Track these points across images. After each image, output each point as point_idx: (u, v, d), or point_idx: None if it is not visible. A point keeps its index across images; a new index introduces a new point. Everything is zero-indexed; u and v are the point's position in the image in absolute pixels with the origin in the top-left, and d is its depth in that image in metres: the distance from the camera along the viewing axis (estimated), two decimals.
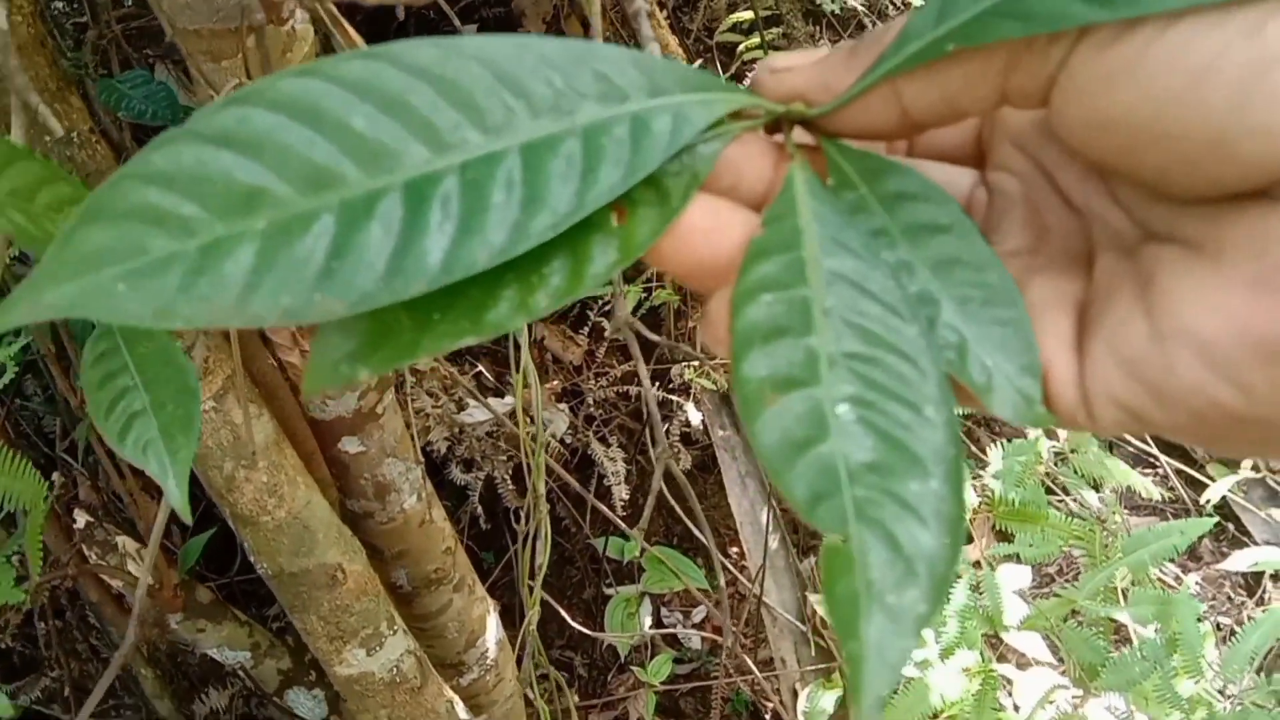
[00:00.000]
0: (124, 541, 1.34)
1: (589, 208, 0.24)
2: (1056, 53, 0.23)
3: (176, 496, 0.43)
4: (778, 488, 0.24)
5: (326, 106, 0.23)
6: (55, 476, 1.19)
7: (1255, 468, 1.75)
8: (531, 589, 1.04)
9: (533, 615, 1.04)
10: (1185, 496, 2.02)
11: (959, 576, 1.22)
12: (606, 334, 1.77)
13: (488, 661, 1.35)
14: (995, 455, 1.25)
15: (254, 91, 0.23)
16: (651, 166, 0.25)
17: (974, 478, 1.26)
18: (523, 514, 1.79)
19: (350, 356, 0.24)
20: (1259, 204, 0.21)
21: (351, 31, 0.80)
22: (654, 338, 0.60)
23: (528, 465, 1.05)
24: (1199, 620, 1.13)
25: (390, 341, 0.24)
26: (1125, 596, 1.23)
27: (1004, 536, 1.30)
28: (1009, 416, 0.25)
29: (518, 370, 1.69)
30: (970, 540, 1.34)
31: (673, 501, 1.70)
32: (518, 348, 1.90)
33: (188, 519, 0.44)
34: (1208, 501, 1.57)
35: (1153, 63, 0.21)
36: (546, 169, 0.24)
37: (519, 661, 1.18)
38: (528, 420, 1.11)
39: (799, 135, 0.28)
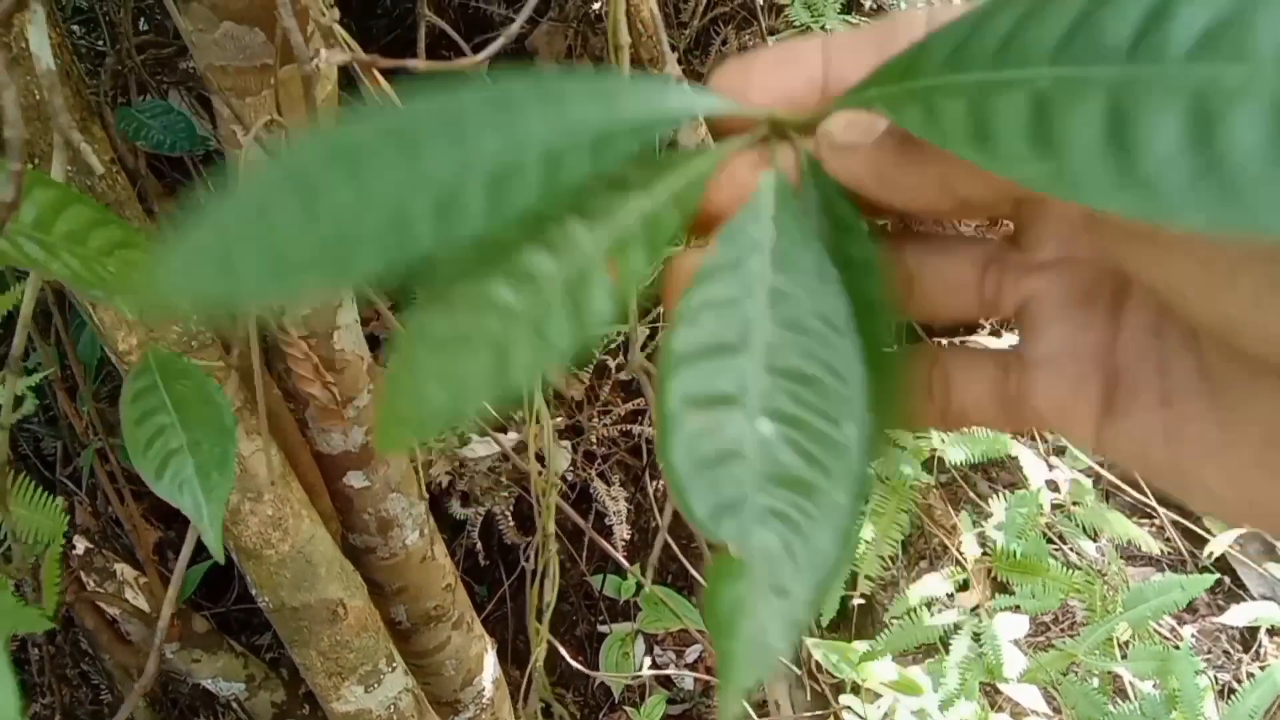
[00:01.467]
0: (122, 569, 1.34)
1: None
2: None
3: (211, 536, 0.43)
4: (677, 502, 0.24)
5: None
6: (58, 501, 1.19)
7: None
8: (539, 628, 1.03)
9: (539, 654, 1.03)
10: (1182, 548, 2.03)
11: (959, 626, 1.22)
12: (611, 372, 1.78)
13: (484, 700, 1.34)
14: (998, 506, 1.25)
15: None
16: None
17: (976, 528, 1.27)
18: (528, 551, 1.79)
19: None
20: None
21: (378, 74, 0.81)
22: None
23: (538, 503, 1.05)
24: (1197, 675, 1.13)
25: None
26: (1124, 649, 1.23)
27: (1002, 586, 1.31)
28: None
29: (526, 407, 1.70)
30: (966, 587, 1.34)
31: (668, 538, 1.70)
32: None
33: (220, 559, 0.44)
34: (1209, 555, 1.58)
35: None
36: None
37: (524, 699, 1.18)
38: (537, 459, 1.11)
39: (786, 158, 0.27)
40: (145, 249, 0.41)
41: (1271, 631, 1.86)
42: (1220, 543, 1.54)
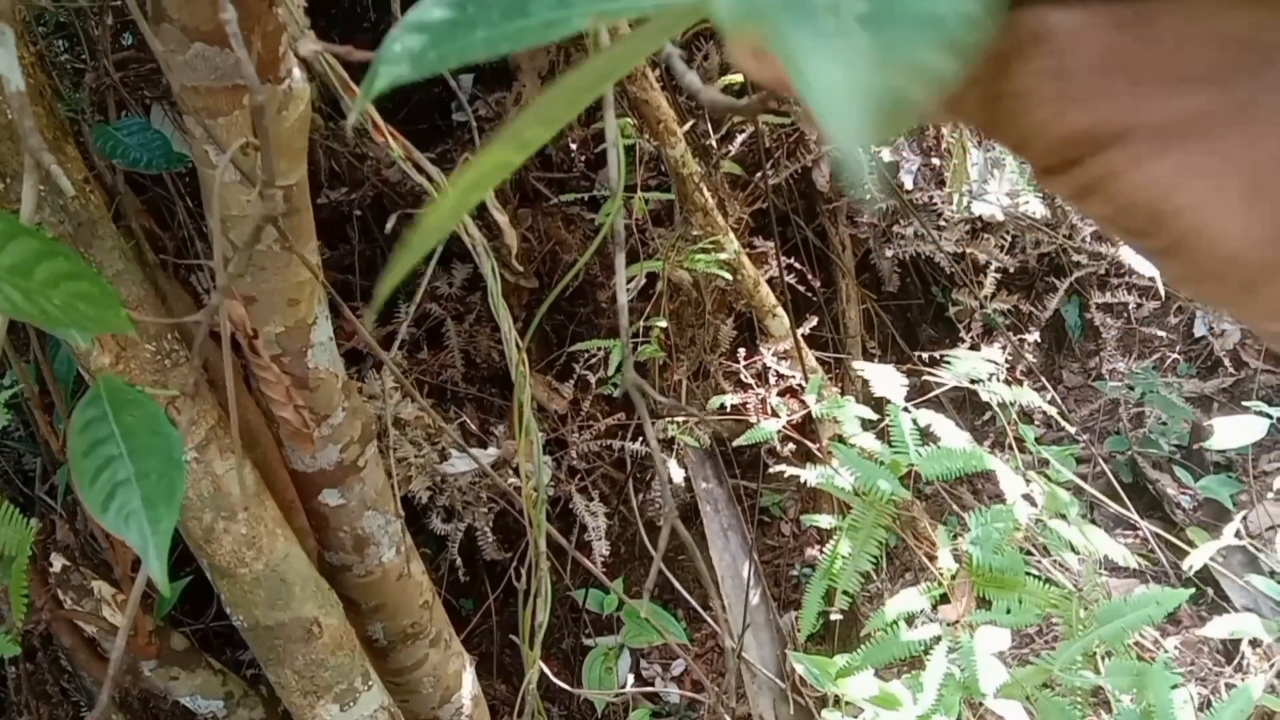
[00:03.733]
0: (100, 586, 1.33)
1: None
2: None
3: (157, 569, 0.43)
4: None
5: None
6: (34, 522, 1.18)
7: (1236, 534, 1.76)
8: (531, 654, 1.03)
9: (532, 674, 1.03)
10: (1165, 560, 2.03)
11: (939, 639, 1.22)
12: (592, 386, 1.78)
13: (462, 718, 1.33)
14: (974, 521, 1.26)
15: None
16: None
17: (955, 541, 1.27)
18: (512, 565, 1.79)
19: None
20: None
21: (352, 84, 0.82)
22: (661, 399, 0.61)
23: (527, 521, 1.05)
24: (1175, 689, 1.13)
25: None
26: (1104, 662, 1.23)
27: (984, 601, 1.31)
28: None
29: (507, 420, 1.70)
30: (946, 601, 1.34)
31: (654, 553, 1.70)
32: (508, 398, 1.90)
33: (165, 591, 0.44)
34: (1190, 568, 1.58)
35: None
36: None
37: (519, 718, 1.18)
38: (517, 473, 1.11)
39: None
40: (93, 281, 0.41)
41: (1254, 643, 1.87)
42: (1201, 555, 1.54)
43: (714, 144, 1.82)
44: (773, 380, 1.69)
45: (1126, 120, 0.21)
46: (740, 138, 1.80)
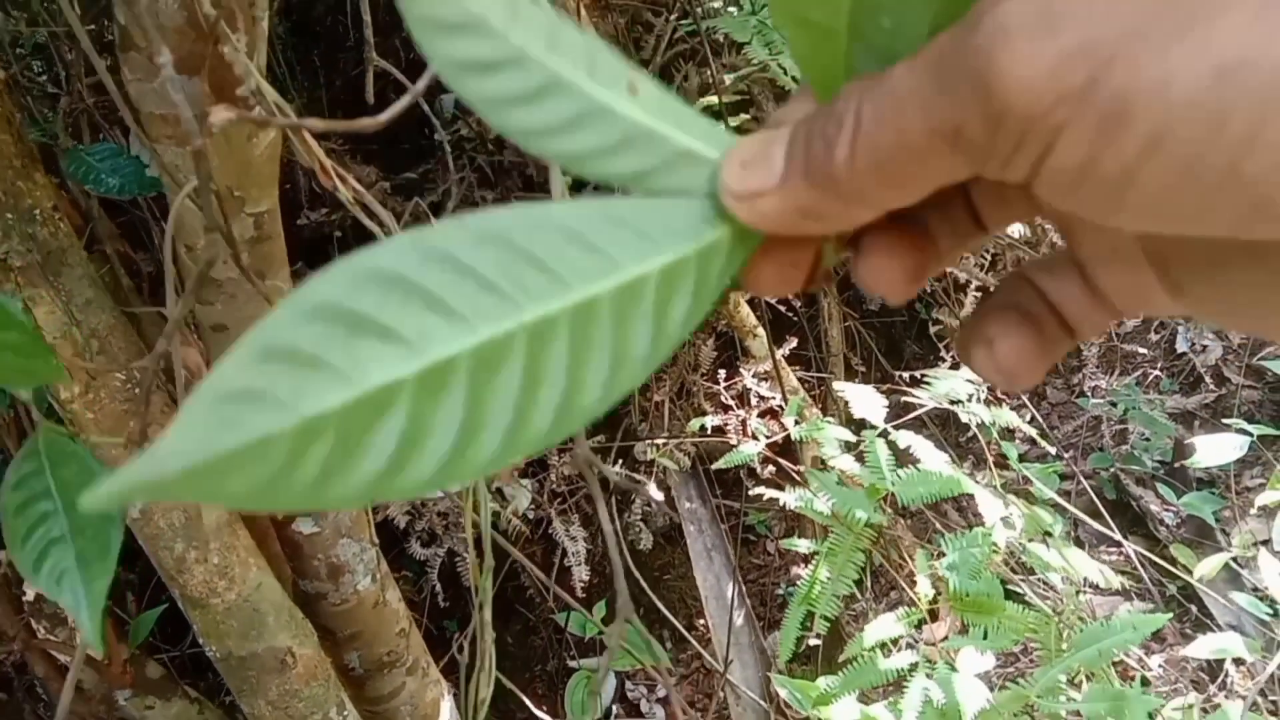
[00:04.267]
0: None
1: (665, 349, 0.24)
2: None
3: (90, 630, 0.42)
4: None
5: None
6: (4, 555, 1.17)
7: (1229, 561, 1.76)
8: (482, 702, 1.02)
9: None
10: (1148, 578, 2.03)
11: (915, 666, 1.21)
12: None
13: None
14: (950, 545, 1.25)
15: None
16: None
17: (931, 565, 1.26)
18: (494, 588, 1.77)
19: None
20: None
21: (309, 137, 0.81)
22: (614, 476, 0.60)
23: (474, 584, 1.04)
24: (1152, 715, 1.13)
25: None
26: (1087, 683, 1.23)
27: (964, 624, 1.30)
28: None
29: None
30: (925, 624, 1.34)
31: (639, 574, 1.69)
32: None
33: (100, 652, 0.43)
34: (1180, 588, 1.58)
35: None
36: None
37: None
38: (469, 537, 1.10)
39: None
40: (20, 329, 0.40)
41: (1238, 661, 1.86)
42: (1199, 570, 1.54)
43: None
44: (753, 401, 1.68)
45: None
46: None
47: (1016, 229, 1.84)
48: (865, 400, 1.42)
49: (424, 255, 0.22)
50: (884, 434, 1.37)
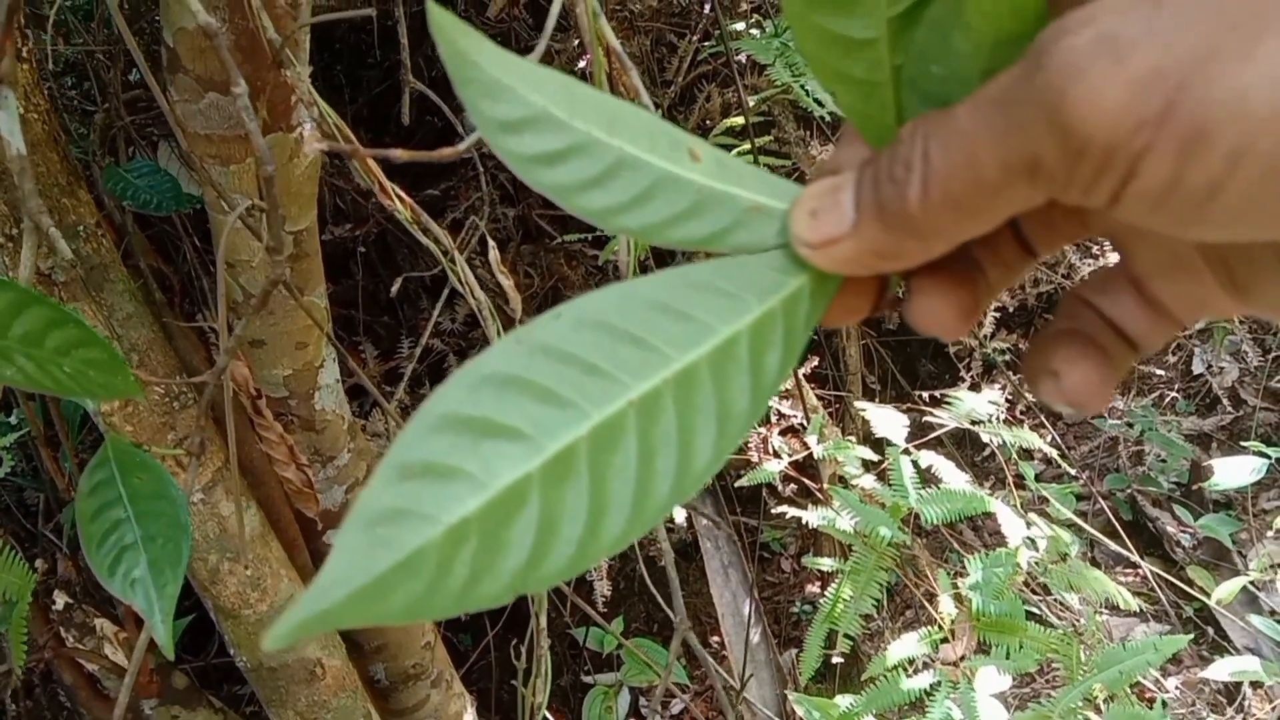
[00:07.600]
0: (102, 624, 1.33)
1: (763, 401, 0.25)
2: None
3: (162, 634, 0.44)
4: None
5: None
6: (39, 563, 1.19)
7: (1248, 585, 1.77)
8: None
9: None
10: (1164, 599, 2.03)
11: (937, 686, 1.22)
12: None
13: None
14: (975, 564, 1.26)
15: None
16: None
17: (954, 584, 1.27)
18: (510, 603, 1.78)
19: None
20: None
21: (371, 161, 0.83)
22: None
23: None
24: None
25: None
26: (1106, 705, 1.23)
27: (984, 644, 1.31)
28: None
29: None
30: (952, 637, 1.34)
31: (654, 589, 1.70)
32: None
33: (171, 656, 0.45)
34: (1196, 609, 1.58)
35: None
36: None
37: None
38: None
39: None
40: (103, 347, 0.42)
41: (1255, 684, 1.86)
42: (1217, 592, 1.54)
43: None
44: (774, 419, 1.69)
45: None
46: None
47: None
48: (887, 419, 1.43)
49: (529, 351, 0.23)
50: (905, 452, 1.38)
